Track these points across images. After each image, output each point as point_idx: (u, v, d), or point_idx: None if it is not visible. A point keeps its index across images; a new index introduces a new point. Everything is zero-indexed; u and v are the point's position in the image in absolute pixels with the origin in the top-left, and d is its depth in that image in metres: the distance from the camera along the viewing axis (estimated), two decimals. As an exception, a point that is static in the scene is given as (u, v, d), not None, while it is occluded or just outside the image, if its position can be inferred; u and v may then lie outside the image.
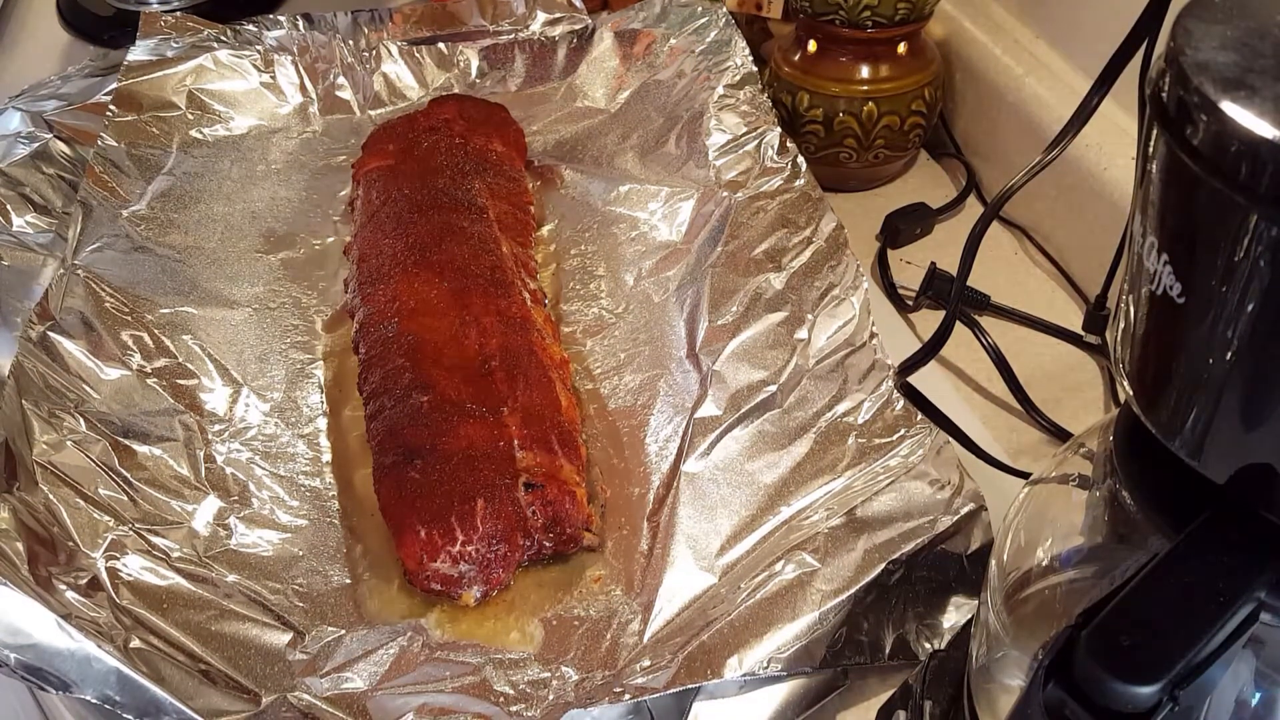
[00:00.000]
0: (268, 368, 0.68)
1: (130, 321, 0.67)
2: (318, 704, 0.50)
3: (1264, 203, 0.25)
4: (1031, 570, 0.39)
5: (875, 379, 0.61)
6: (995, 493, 0.55)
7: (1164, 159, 0.27)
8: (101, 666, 0.48)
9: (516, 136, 0.83)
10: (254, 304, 0.72)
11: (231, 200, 0.80)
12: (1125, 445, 0.35)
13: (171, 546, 0.56)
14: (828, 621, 0.51)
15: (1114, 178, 0.69)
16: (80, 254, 0.70)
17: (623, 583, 0.56)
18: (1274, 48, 0.26)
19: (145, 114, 0.84)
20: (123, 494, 0.57)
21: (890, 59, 0.80)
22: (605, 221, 0.77)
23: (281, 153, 0.85)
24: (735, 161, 0.76)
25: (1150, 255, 0.29)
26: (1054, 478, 0.41)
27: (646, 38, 0.89)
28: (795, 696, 0.50)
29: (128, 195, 0.77)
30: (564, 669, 0.52)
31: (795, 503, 0.57)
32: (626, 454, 0.62)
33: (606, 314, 0.71)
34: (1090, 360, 0.71)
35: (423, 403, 0.60)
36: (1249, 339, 0.27)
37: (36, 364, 0.61)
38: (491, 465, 0.57)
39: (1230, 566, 0.29)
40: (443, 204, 0.72)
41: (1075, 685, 0.29)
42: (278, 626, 0.54)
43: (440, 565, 0.54)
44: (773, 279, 0.68)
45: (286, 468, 0.62)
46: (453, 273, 0.67)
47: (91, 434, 0.59)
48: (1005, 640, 0.40)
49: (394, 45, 0.91)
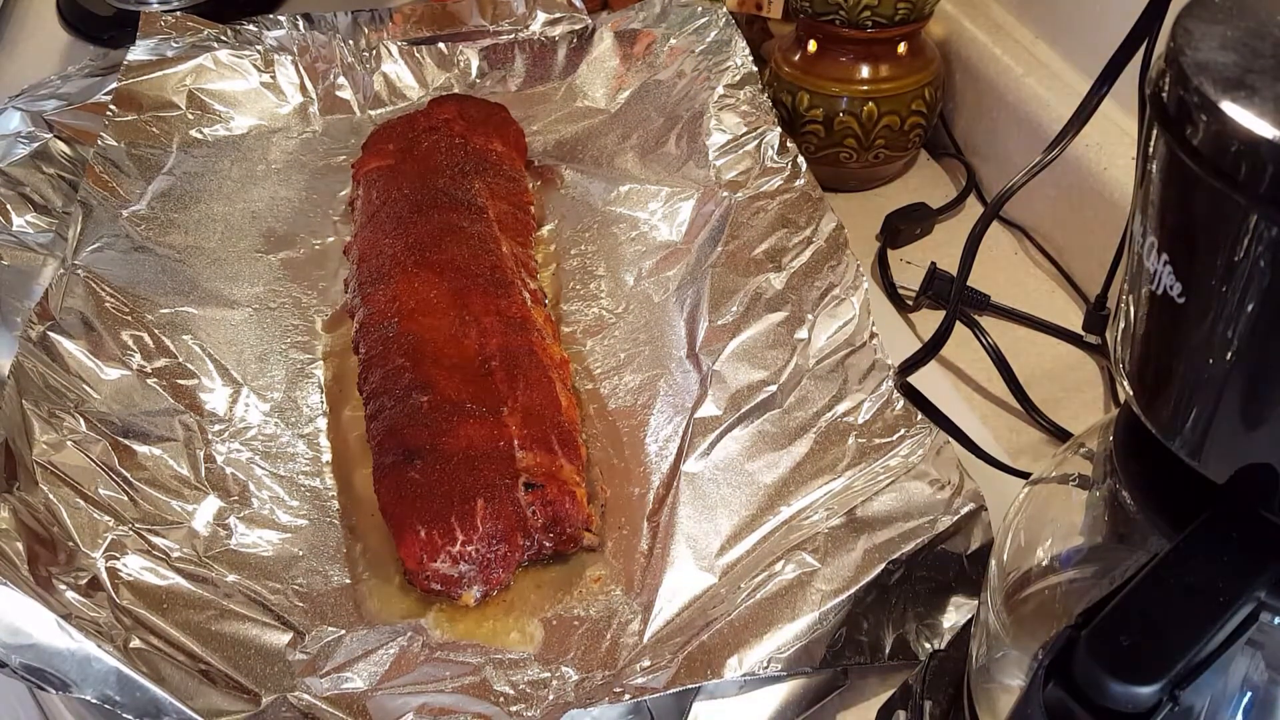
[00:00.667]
0: (268, 368, 0.68)
1: (130, 321, 0.67)
2: (318, 704, 0.50)
3: (1264, 203, 0.25)
4: (1031, 570, 0.39)
5: (875, 379, 0.61)
6: (995, 493, 0.55)
7: (1164, 159, 0.27)
8: (101, 666, 0.48)
9: (516, 136, 0.83)
10: (254, 304, 0.72)
11: (231, 200, 0.80)
12: (1125, 445, 0.35)
13: (171, 546, 0.56)
14: (828, 621, 0.51)
15: (1114, 178, 0.69)
16: (80, 254, 0.70)
17: (623, 583, 0.56)
18: (1274, 48, 0.26)
19: (145, 114, 0.84)
20: (123, 494, 0.57)
21: (890, 59, 0.80)
22: (605, 221, 0.77)
23: (281, 153, 0.85)
24: (735, 161, 0.76)
25: (1150, 255, 0.29)
26: (1054, 478, 0.41)
27: (646, 38, 0.89)
28: (795, 696, 0.50)
29: (128, 195, 0.77)
30: (564, 669, 0.52)
31: (795, 503, 0.57)
32: (626, 454, 0.62)
33: (606, 314, 0.71)
34: (1090, 360, 0.71)
35: (423, 403, 0.60)
36: (1249, 339, 0.27)
37: (36, 364, 0.61)
38: (491, 465, 0.57)
39: (1230, 566, 0.29)
40: (443, 204, 0.72)
41: (1075, 685, 0.29)
42: (278, 626, 0.54)
43: (440, 565, 0.54)
44: (773, 279, 0.68)
45: (286, 468, 0.62)
46: (453, 273, 0.67)
47: (91, 434, 0.59)
48: (1005, 640, 0.40)
49: (394, 45, 0.91)
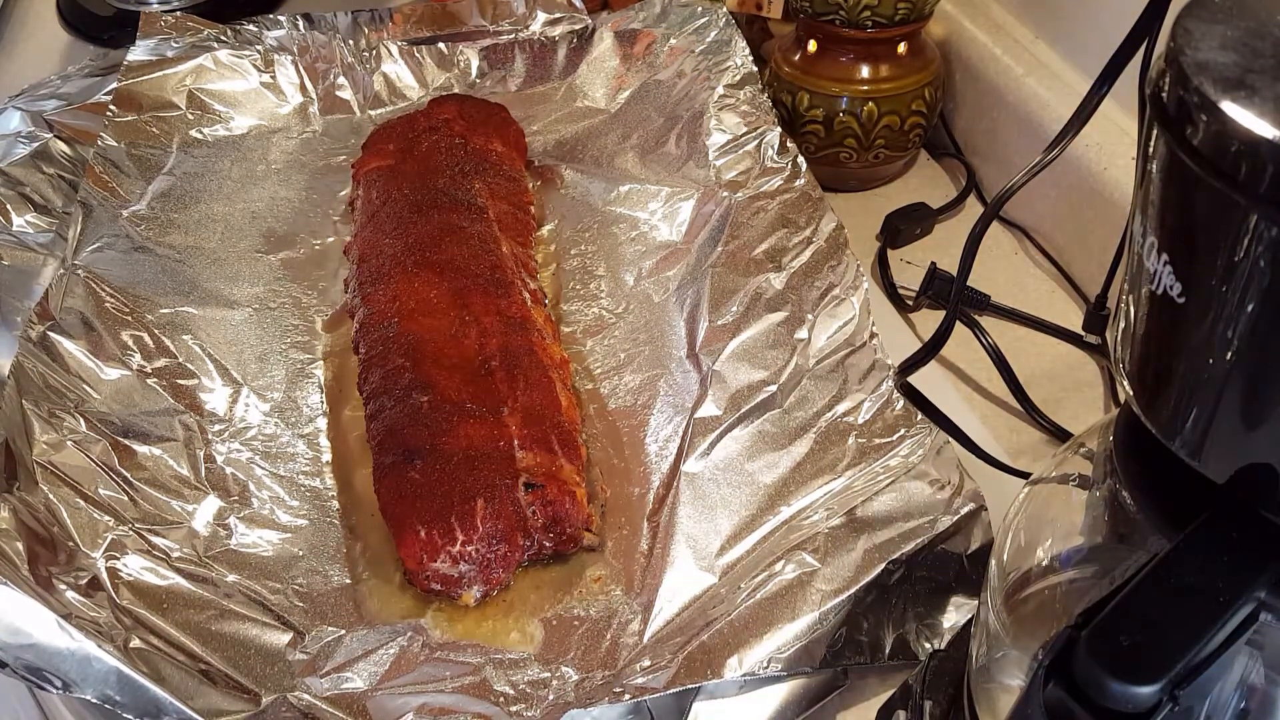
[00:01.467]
0: (268, 368, 0.68)
1: (130, 321, 0.67)
2: (318, 704, 0.50)
3: (1264, 203, 0.25)
4: (1031, 570, 0.39)
5: (875, 379, 0.61)
6: (995, 493, 0.55)
7: (1164, 159, 0.27)
8: (101, 666, 0.48)
9: (516, 136, 0.83)
10: (254, 304, 0.72)
11: (231, 200, 0.80)
12: (1125, 445, 0.35)
13: (171, 546, 0.56)
14: (828, 621, 0.51)
15: (1114, 178, 0.69)
16: (80, 254, 0.70)
17: (623, 583, 0.56)
18: (1274, 48, 0.26)
19: (145, 114, 0.84)
20: (123, 494, 0.57)
21: (890, 59, 0.80)
22: (605, 221, 0.77)
23: (281, 153, 0.85)
24: (735, 161, 0.76)
25: (1150, 255, 0.29)
26: (1054, 478, 0.41)
27: (646, 38, 0.89)
28: (795, 696, 0.50)
29: (128, 195, 0.77)
30: (564, 669, 0.52)
31: (795, 503, 0.57)
32: (626, 454, 0.62)
33: (606, 314, 0.71)
34: (1090, 360, 0.71)
35: (423, 403, 0.60)
36: (1249, 339, 0.27)
37: (36, 364, 0.61)
38: (491, 465, 0.57)
39: (1230, 566, 0.29)
40: (443, 204, 0.72)
41: (1075, 685, 0.29)
42: (278, 626, 0.54)
43: (440, 565, 0.54)
44: (773, 279, 0.68)
45: (286, 468, 0.62)
46: (453, 273, 0.67)
47: (91, 434, 0.59)
48: (1005, 640, 0.40)
49: (394, 45, 0.91)
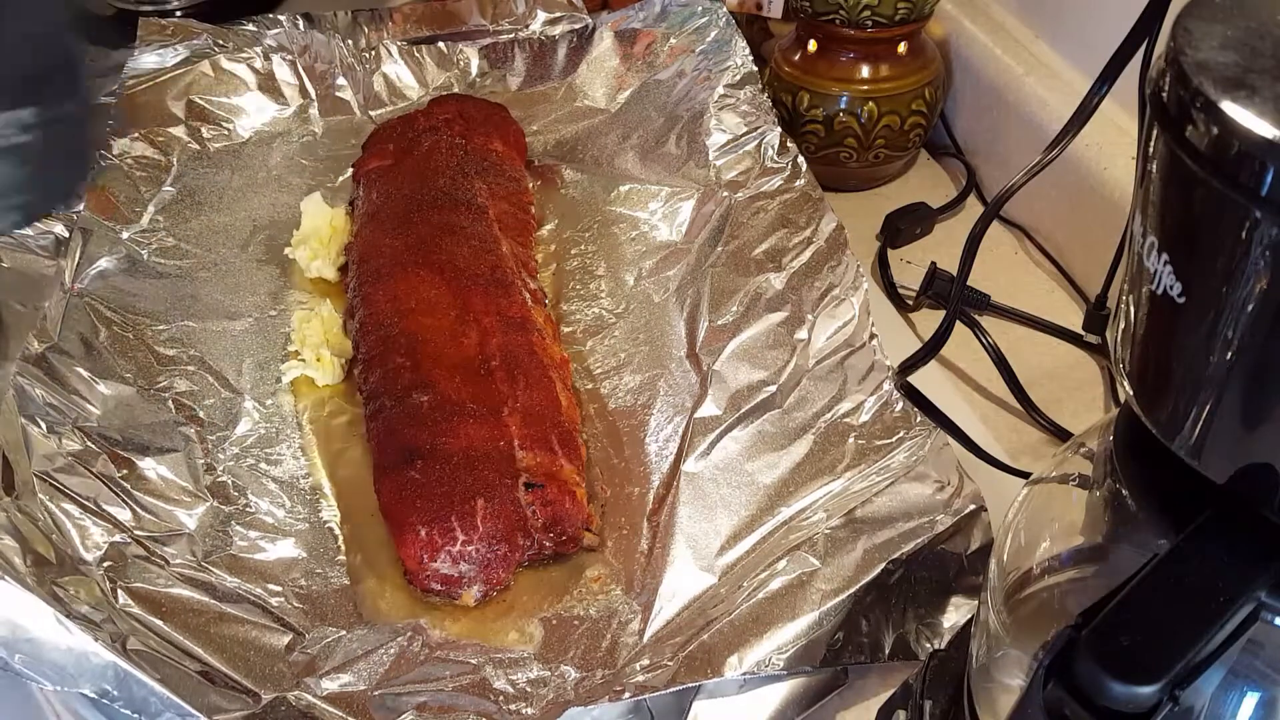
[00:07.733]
0: (267, 375, 0.67)
1: (131, 340, 0.67)
2: (318, 704, 0.50)
3: (1264, 203, 0.25)
4: (1031, 570, 0.39)
5: (875, 379, 0.61)
6: (995, 493, 0.55)
7: (1164, 159, 0.27)
8: (100, 661, 0.48)
9: (516, 136, 0.83)
10: (255, 312, 0.72)
11: (233, 209, 0.80)
12: (1125, 445, 0.35)
13: (171, 553, 0.56)
14: (828, 621, 0.51)
15: (1114, 178, 0.69)
16: (81, 268, 0.70)
17: (623, 582, 0.56)
18: (1274, 48, 0.26)
19: (145, 126, 0.83)
20: (123, 503, 0.57)
21: (890, 59, 0.80)
22: (605, 221, 0.77)
23: (283, 157, 0.85)
24: (735, 161, 0.76)
25: (1150, 255, 0.29)
26: (1054, 478, 0.41)
27: (647, 37, 0.89)
28: (795, 696, 0.50)
29: (129, 215, 0.76)
30: (564, 668, 0.52)
31: (795, 503, 0.57)
32: (626, 454, 0.62)
33: (606, 314, 0.71)
34: (1090, 360, 0.71)
35: (423, 403, 0.60)
36: (1249, 339, 0.27)
37: (35, 379, 0.61)
38: (491, 465, 0.57)
39: (1230, 566, 0.29)
40: (442, 204, 0.72)
41: (1075, 685, 0.29)
42: (277, 628, 0.54)
43: (440, 565, 0.54)
44: (773, 279, 0.68)
45: (286, 470, 0.62)
46: (453, 272, 0.67)
47: (91, 447, 0.59)
48: (1005, 640, 0.40)
49: (394, 45, 0.91)
